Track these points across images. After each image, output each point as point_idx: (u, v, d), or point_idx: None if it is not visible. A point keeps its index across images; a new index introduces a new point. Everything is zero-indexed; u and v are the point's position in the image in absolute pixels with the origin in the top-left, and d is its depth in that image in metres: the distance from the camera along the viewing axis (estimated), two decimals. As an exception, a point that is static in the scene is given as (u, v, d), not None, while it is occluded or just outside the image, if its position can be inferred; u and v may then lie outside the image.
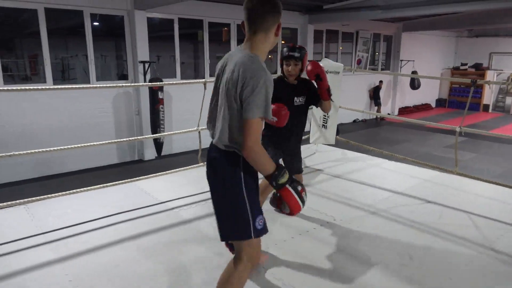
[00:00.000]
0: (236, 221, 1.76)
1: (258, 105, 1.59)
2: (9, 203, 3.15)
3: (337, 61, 12.73)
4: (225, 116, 1.69)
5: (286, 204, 1.80)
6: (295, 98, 2.76)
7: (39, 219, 3.17)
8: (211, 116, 1.82)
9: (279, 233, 2.95)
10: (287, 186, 1.74)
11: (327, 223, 3.14)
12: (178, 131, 4.76)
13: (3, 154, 3.21)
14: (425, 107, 16.29)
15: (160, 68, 9.06)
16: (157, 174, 4.12)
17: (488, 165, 8.28)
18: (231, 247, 2.28)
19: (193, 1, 8.29)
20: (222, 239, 1.85)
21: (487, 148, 9.82)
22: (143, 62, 8.15)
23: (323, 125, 4.87)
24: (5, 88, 6.48)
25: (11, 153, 3.19)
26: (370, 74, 13.57)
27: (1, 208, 3.21)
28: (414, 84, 14.42)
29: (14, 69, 8.38)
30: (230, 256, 2.28)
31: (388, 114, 14.69)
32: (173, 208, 3.42)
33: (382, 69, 14.44)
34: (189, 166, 4.36)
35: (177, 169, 4.28)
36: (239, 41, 9.55)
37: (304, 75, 2.81)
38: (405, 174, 4.41)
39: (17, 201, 3.18)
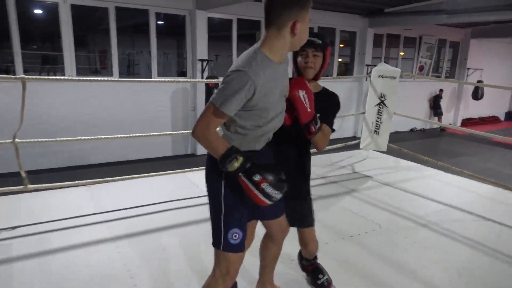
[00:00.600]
0: (213, 227, 1.66)
1: (219, 93, 1.45)
2: (73, 182, 3.44)
3: (396, 67, 12.31)
4: None
5: (247, 194, 1.50)
6: None
7: (98, 200, 3.44)
8: None
9: (321, 235, 2.91)
10: (241, 176, 1.47)
11: (373, 230, 3.07)
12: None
13: (71, 138, 3.52)
14: (492, 119, 15.17)
15: (217, 67, 9.34)
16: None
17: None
18: None
19: (253, 2, 8.43)
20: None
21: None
22: (202, 60, 8.44)
23: (375, 130, 4.74)
24: (77, 78, 7.02)
25: (78, 138, 3.48)
26: (431, 81, 12.93)
27: (66, 187, 3.52)
28: (477, 94, 13.49)
29: (86, 63, 9.10)
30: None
31: (450, 124, 13.89)
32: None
33: (446, 77, 13.69)
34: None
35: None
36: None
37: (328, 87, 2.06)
38: (462, 188, 4.17)
39: (81, 181, 3.46)
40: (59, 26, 7.02)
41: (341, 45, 11.26)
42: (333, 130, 1.97)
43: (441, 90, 12.94)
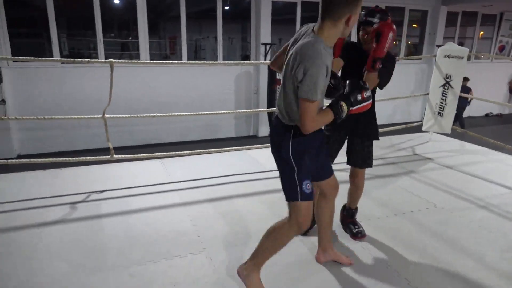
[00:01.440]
0: (287, 183, 1.95)
1: (309, 87, 1.69)
2: (150, 154, 3.89)
3: (472, 47, 11.48)
4: (283, 91, 1.87)
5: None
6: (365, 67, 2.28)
7: (170, 171, 3.86)
8: (281, 91, 1.93)
9: (373, 210, 3.05)
10: (351, 109, 1.89)
11: (427, 208, 3.11)
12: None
13: (150, 115, 3.97)
14: None
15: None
16: (266, 145, 4.51)
17: None
18: None
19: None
20: (285, 198, 2.01)
21: None
22: (265, 44, 8.64)
23: (439, 112, 4.62)
24: (155, 62, 7.61)
25: (154, 115, 3.92)
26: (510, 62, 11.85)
27: (145, 159, 3.99)
28: None
29: (157, 49, 9.76)
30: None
31: (532, 110, 12.66)
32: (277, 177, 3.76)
33: (530, 58, 12.44)
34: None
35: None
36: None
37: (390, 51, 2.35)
38: (533, 173, 3.97)
39: (155, 154, 3.90)
40: (135, 15, 7.65)
41: (414, 26, 10.76)
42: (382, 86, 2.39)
43: (523, 72, 11.82)
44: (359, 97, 1.90)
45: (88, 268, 2.30)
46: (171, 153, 3.88)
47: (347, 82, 1.97)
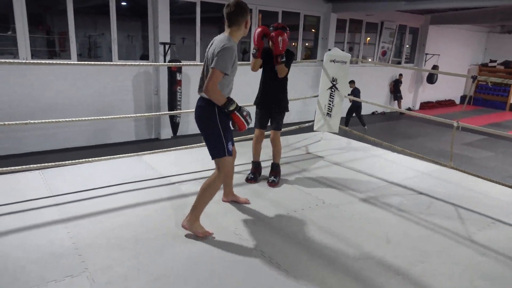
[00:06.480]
0: (215, 145, 2.61)
1: (218, 61, 2.44)
2: (25, 166, 3.44)
3: (359, 52, 12.64)
4: (206, 76, 2.52)
5: (236, 124, 2.62)
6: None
7: (51, 183, 3.46)
8: (202, 79, 2.64)
9: (268, 210, 3.12)
10: (235, 112, 2.58)
11: (316, 205, 3.28)
12: (192, 110, 4.94)
13: (21, 122, 3.50)
14: (448, 103, 15.92)
15: (184, 49, 9.26)
16: (163, 150, 4.34)
17: (502, 165, 8.13)
18: None
19: (216, -15, 8.40)
20: (212, 158, 2.66)
21: (506, 148, 9.60)
22: (164, 44, 8.36)
23: (327, 113, 4.95)
24: (17, 61, 6.82)
25: (27, 122, 3.46)
26: (384, 66, 13.36)
27: (19, 172, 3.51)
28: (432, 79, 14.24)
29: (45, 45, 8.76)
30: (216, 231, 2.49)
31: (409, 108, 14.47)
32: (174, 183, 3.63)
33: (406, 62, 14.17)
34: (196, 145, 4.52)
35: (183, 147, 4.48)
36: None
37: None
38: (405, 166, 4.47)
39: (33, 165, 3.46)
40: (12, 6, 6.76)
41: (313, 30, 11.47)
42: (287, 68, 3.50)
43: (400, 75, 13.40)
44: (245, 113, 2.65)
45: None
46: (51, 163, 3.48)
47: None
